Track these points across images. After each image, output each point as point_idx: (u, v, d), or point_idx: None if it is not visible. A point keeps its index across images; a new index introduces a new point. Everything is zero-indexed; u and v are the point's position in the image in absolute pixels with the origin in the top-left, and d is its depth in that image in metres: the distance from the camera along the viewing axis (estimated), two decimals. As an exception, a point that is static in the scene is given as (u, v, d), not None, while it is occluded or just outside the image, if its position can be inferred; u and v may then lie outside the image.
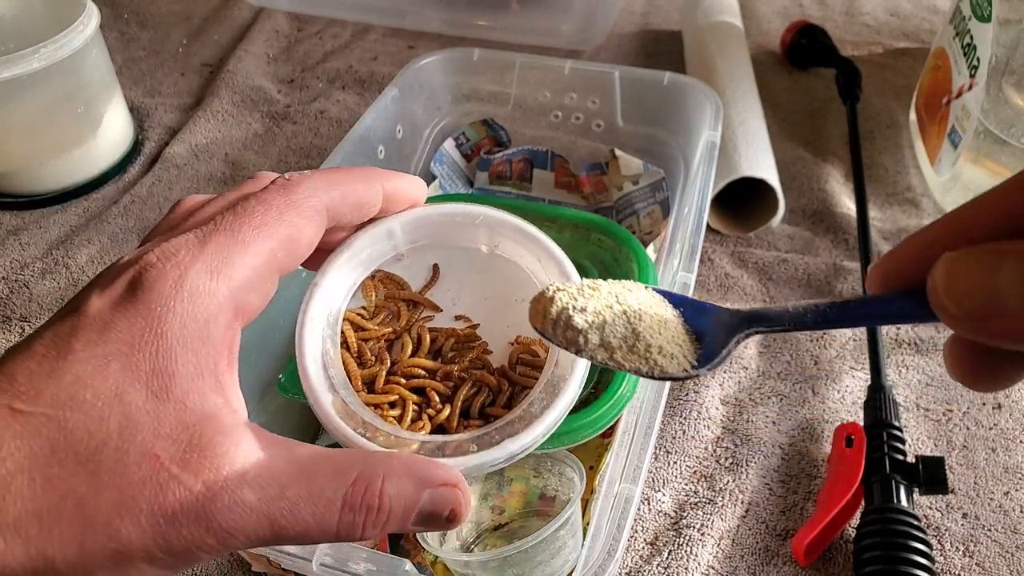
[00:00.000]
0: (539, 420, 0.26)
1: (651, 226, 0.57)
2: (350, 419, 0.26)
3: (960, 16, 0.60)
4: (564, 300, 0.24)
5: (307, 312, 0.28)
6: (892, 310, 0.20)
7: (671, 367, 0.23)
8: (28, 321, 0.55)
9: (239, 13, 0.89)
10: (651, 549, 0.42)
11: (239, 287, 0.23)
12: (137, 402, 0.20)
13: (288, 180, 0.25)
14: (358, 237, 0.29)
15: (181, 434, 0.20)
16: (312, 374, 0.27)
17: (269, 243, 0.23)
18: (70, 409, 0.20)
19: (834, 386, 0.50)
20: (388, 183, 0.28)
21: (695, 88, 0.57)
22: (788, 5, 0.91)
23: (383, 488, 0.22)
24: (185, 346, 0.21)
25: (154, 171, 0.67)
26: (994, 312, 0.16)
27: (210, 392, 0.21)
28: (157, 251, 0.22)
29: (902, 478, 0.42)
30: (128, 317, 0.21)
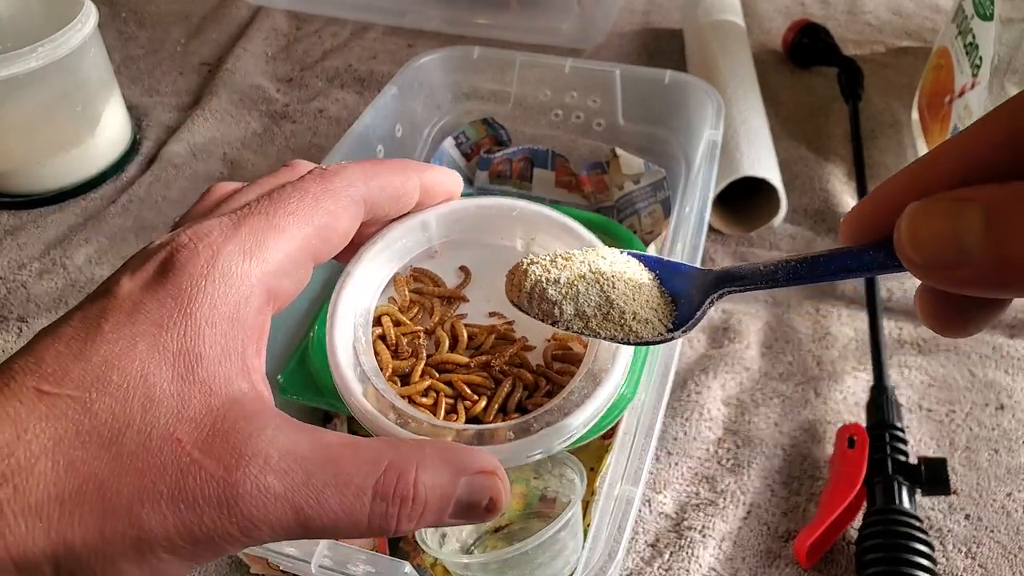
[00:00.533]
0: (580, 409, 0.25)
1: (652, 225, 0.57)
2: (382, 408, 0.25)
3: (962, 15, 0.60)
4: (537, 272, 0.24)
5: (339, 301, 0.27)
6: (862, 262, 0.20)
7: (646, 332, 0.24)
8: (25, 321, 0.54)
9: (238, 12, 0.88)
10: (652, 551, 0.42)
11: (272, 271, 0.22)
12: (162, 384, 0.20)
13: (325, 169, 0.25)
14: (392, 228, 0.28)
15: (205, 417, 0.20)
16: (343, 363, 0.26)
17: (305, 229, 0.23)
18: (96, 391, 0.19)
19: (836, 387, 0.50)
20: (425, 176, 0.27)
21: (696, 87, 0.57)
22: (790, 4, 0.91)
23: (417, 477, 0.21)
24: (214, 327, 0.21)
25: (152, 170, 0.67)
26: (958, 261, 0.16)
27: (236, 376, 0.21)
28: (189, 232, 0.22)
29: (904, 479, 0.42)
30: (158, 298, 0.21)
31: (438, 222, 0.29)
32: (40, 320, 0.55)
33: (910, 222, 0.17)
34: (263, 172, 0.73)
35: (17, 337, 0.53)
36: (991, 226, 0.16)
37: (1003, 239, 0.16)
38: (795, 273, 0.21)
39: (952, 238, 0.16)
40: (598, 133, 0.63)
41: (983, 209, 0.16)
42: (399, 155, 0.61)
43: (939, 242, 0.17)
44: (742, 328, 0.54)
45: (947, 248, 0.16)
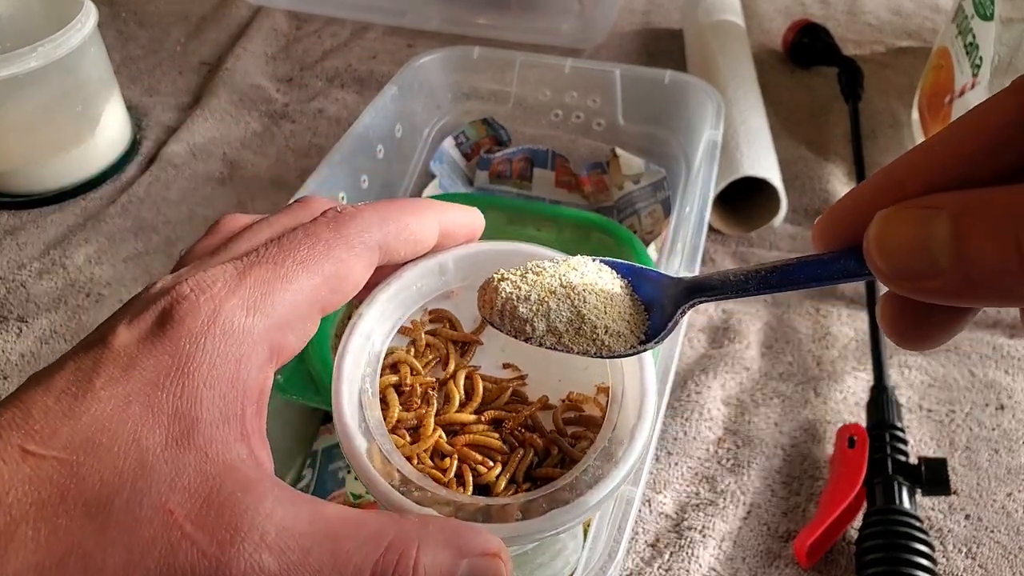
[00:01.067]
0: (592, 490, 0.24)
1: (652, 226, 0.57)
2: (385, 470, 0.24)
3: (963, 15, 0.60)
4: (508, 290, 0.24)
5: (347, 345, 0.25)
6: (833, 270, 0.19)
7: (618, 346, 0.23)
8: (25, 321, 0.54)
9: (237, 12, 0.88)
10: (652, 551, 0.42)
11: (277, 326, 0.21)
12: (155, 449, 0.19)
13: (340, 212, 0.23)
14: (408, 270, 0.27)
15: (199, 487, 0.19)
16: (348, 416, 0.24)
17: (314, 279, 0.22)
18: (84, 454, 0.18)
19: (836, 387, 0.50)
20: (444, 216, 0.26)
21: (696, 87, 0.57)
22: (790, 4, 0.91)
23: (418, 557, 0.20)
24: (212, 389, 0.20)
25: (152, 170, 0.67)
26: (926, 271, 0.16)
27: (234, 441, 0.20)
28: (191, 281, 0.21)
29: (904, 479, 0.42)
30: (154, 354, 0.20)
31: (456, 265, 0.28)
32: (40, 320, 0.55)
33: (878, 230, 0.17)
34: (263, 172, 0.73)
35: (17, 337, 0.53)
36: (958, 235, 0.16)
37: (969, 249, 0.15)
38: (765, 282, 0.21)
39: (920, 247, 0.16)
40: (598, 133, 0.63)
41: (950, 218, 0.16)
42: (399, 155, 0.61)
43: (907, 251, 0.16)
44: (742, 328, 0.54)
45: (915, 257, 0.16)
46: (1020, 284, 0.15)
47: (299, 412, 0.46)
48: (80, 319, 0.55)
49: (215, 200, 0.65)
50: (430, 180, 0.61)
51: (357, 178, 0.55)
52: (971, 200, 0.16)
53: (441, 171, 0.61)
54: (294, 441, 0.46)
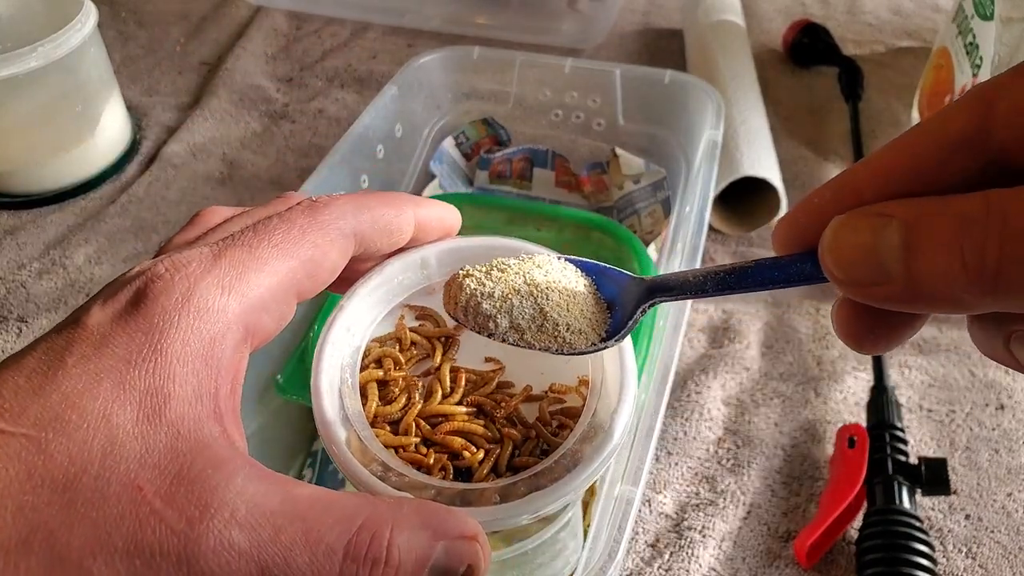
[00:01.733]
0: (570, 474, 0.24)
1: (652, 225, 0.57)
2: (364, 457, 0.24)
3: (963, 15, 0.60)
4: (472, 286, 0.24)
5: (328, 337, 0.26)
6: (789, 273, 0.20)
7: (579, 343, 0.24)
8: (25, 321, 0.54)
9: (237, 11, 0.88)
10: (652, 551, 0.42)
11: (252, 306, 0.21)
12: (126, 425, 0.18)
13: (315, 201, 0.24)
14: (390, 263, 0.27)
15: (169, 463, 0.18)
16: (327, 405, 0.24)
17: (289, 262, 0.22)
18: (53, 431, 0.18)
19: (836, 387, 0.50)
20: (420, 210, 0.26)
21: (696, 86, 0.57)
22: (790, 4, 0.91)
23: (392, 538, 0.20)
24: (185, 366, 0.19)
25: (152, 170, 0.67)
26: (877, 277, 0.16)
27: (207, 419, 0.19)
28: (167, 262, 0.21)
29: (904, 479, 0.42)
30: (127, 331, 0.19)
31: (439, 260, 0.28)
32: (40, 320, 0.55)
33: (832, 237, 0.18)
34: (263, 172, 0.73)
35: (17, 337, 0.53)
36: (907, 244, 0.16)
37: (917, 257, 0.16)
38: (723, 284, 0.21)
39: (872, 255, 0.16)
40: (598, 133, 0.63)
41: (901, 226, 0.16)
42: (399, 155, 0.61)
43: (859, 258, 0.17)
44: (742, 328, 0.54)
45: (867, 264, 0.17)
46: (964, 292, 0.15)
47: (299, 412, 0.46)
48: (80, 319, 0.55)
49: (215, 200, 0.65)
50: (430, 180, 0.61)
51: (357, 178, 0.55)
52: (922, 209, 0.16)
53: (441, 171, 0.61)
54: (294, 441, 0.46)
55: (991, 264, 0.15)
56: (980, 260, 0.15)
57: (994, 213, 0.15)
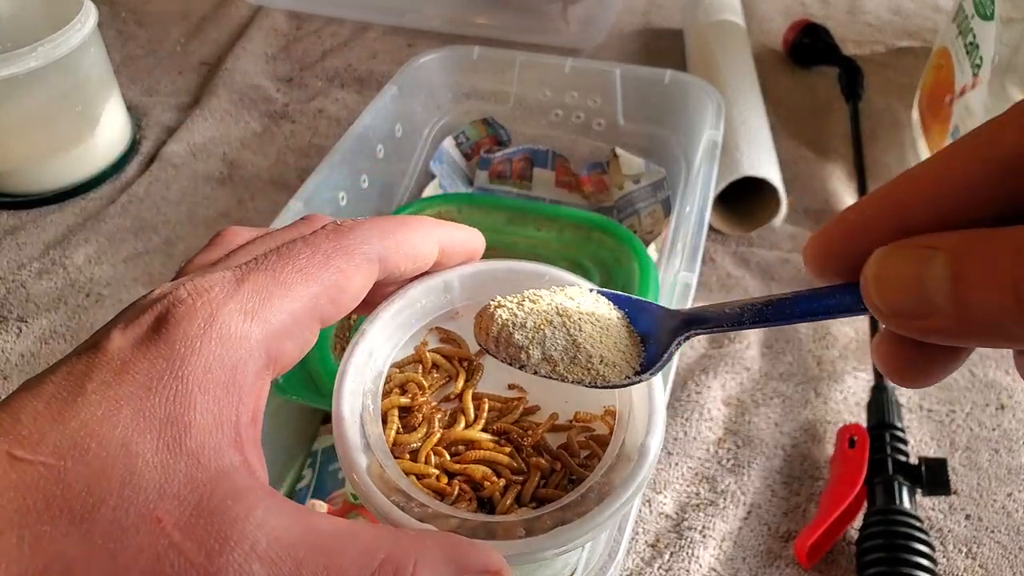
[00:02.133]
0: (598, 507, 0.23)
1: (652, 225, 0.57)
2: (386, 486, 0.24)
3: (963, 15, 0.60)
4: (504, 317, 0.24)
5: (350, 361, 0.25)
6: (827, 306, 0.20)
7: (613, 376, 0.23)
8: (25, 321, 0.54)
9: (237, 11, 0.88)
10: (652, 551, 0.42)
11: (275, 333, 0.21)
12: (145, 454, 0.18)
13: (340, 225, 0.23)
14: (413, 287, 0.27)
15: (189, 494, 0.18)
16: (348, 431, 0.24)
17: (313, 287, 0.21)
18: (72, 459, 0.18)
19: (836, 387, 0.50)
20: (444, 234, 0.26)
21: (697, 86, 0.57)
22: (790, 3, 0.91)
23: (415, 572, 0.19)
24: (207, 393, 0.19)
25: (152, 170, 0.67)
26: (923, 311, 0.16)
27: (228, 448, 0.19)
28: (189, 286, 0.20)
29: (905, 479, 0.42)
30: (148, 357, 0.19)
31: (462, 284, 0.28)
32: (40, 320, 0.55)
33: (876, 268, 0.17)
34: (263, 172, 0.73)
35: (17, 337, 0.53)
36: (955, 276, 0.15)
37: (966, 290, 0.15)
38: (760, 316, 0.21)
39: (917, 288, 0.16)
40: (598, 133, 0.63)
41: (949, 258, 0.16)
42: (399, 154, 0.60)
43: (904, 291, 0.16)
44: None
45: (912, 298, 0.16)
46: (1017, 327, 0.15)
47: (299, 412, 0.46)
48: (80, 319, 0.55)
49: (215, 200, 0.65)
50: (430, 180, 0.61)
51: (357, 178, 0.55)
52: (970, 240, 0.16)
53: (441, 171, 0.61)
54: (294, 441, 0.46)
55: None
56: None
57: None
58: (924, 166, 0.17)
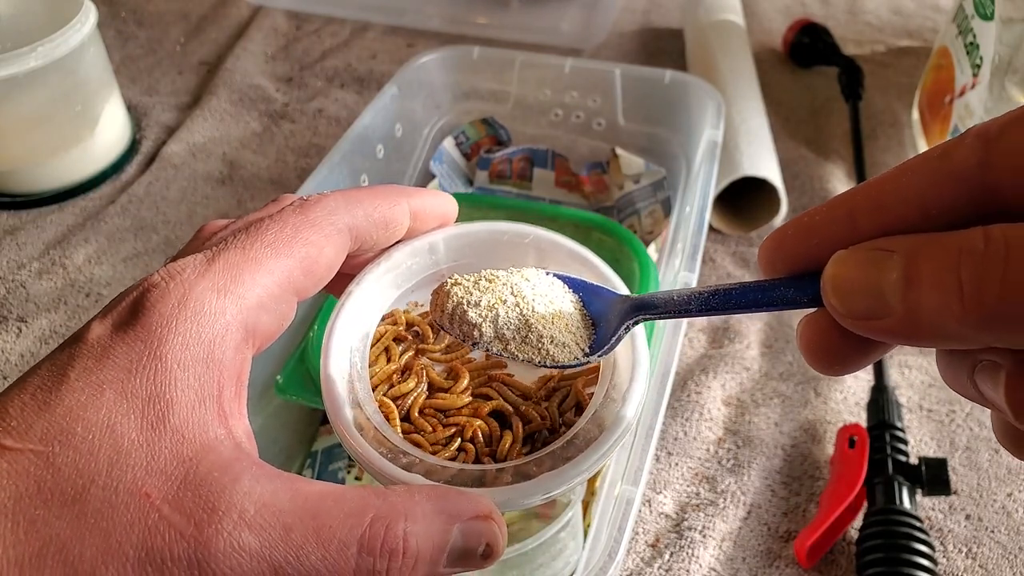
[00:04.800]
0: (583, 453, 0.24)
1: (652, 225, 0.57)
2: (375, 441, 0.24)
3: (963, 15, 0.60)
4: (459, 295, 0.25)
5: (336, 323, 0.26)
6: (772, 297, 0.20)
7: (562, 356, 0.24)
8: (25, 321, 0.54)
9: (237, 11, 0.88)
10: (652, 551, 0.42)
11: (250, 306, 0.21)
12: (130, 434, 0.18)
13: (306, 200, 0.24)
14: (397, 250, 0.27)
15: (176, 469, 0.18)
16: (337, 388, 0.24)
17: (284, 261, 0.22)
18: (59, 444, 0.18)
19: (836, 387, 0.50)
20: (414, 200, 0.26)
21: (697, 86, 0.57)
22: (790, 3, 0.91)
23: (407, 527, 0.19)
24: (187, 370, 0.19)
25: (151, 170, 0.67)
26: (879, 312, 0.17)
27: (211, 421, 0.20)
28: (162, 271, 0.21)
29: (905, 479, 0.42)
30: (127, 341, 0.19)
31: (447, 245, 0.28)
32: (40, 320, 0.54)
33: (834, 270, 0.18)
34: (263, 172, 0.73)
35: (17, 337, 0.53)
36: (907, 279, 0.16)
37: (916, 293, 0.16)
38: (706, 305, 0.22)
39: (873, 288, 0.17)
40: (598, 133, 0.63)
41: (902, 261, 0.16)
42: (399, 154, 0.60)
43: (861, 292, 0.17)
44: (742, 328, 0.54)
45: (868, 300, 0.17)
46: (961, 327, 0.15)
47: (299, 412, 0.46)
48: (80, 319, 0.55)
49: (215, 200, 0.65)
50: (430, 180, 0.61)
51: (357, 178, 0.55)
52: (922, 243, 0.16)
53: (441, 171, 0.61)
54: (294, 441, 0.46)
55: (990, 299, 0.15)
56: (978, 294, 0.15)
57: (993, 246, 0.15)
58: (881, 176, 0.18)
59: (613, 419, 0.25)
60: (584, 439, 0.24)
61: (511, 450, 0.25)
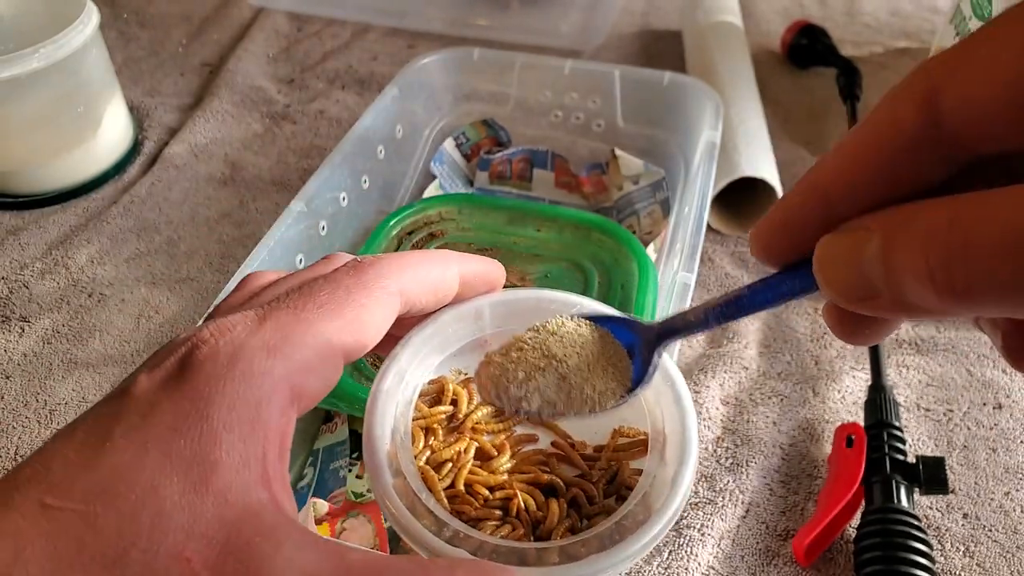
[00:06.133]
0: (633, 536, 0.23)
1: (651, 226, 0.57)
2: (417, 511, 0.23)
3: (960, 16, 0.60)
4: (496, 374, 0.25)
5: (381, 386, 0.25)
6: (781, 292, 0.21)
7: (607, 401, 0.25)
8: (27, 321, 0.55)
9: (239, 13, 0.89)
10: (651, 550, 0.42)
11: (297, 368, 0.21)
12: (173, 496, 0.18)
13: (360, 261, 0.23)
14: (444, 313, 0.27)
15: (217, 533, 0.18)
16: (379, 455, 0.24)
17: (334, 323, 0.22)
18: (102, 504, 0.18)
19: (834, 386, 0.50)
20: (464, 267, 0.26)
21: (695, 88, 0.57)
22: (788, 5, 0.91)
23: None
24: (232, 432, 0.19)
25: (153, 171, 0.67)
26: (867, 293, 0.17)
27: (254, 485, 0.19)
28: (212, 327, 0.21)
29: (902, 478, 0.42)
30: (173, 399, 0.19)
31: (492, 311, 0.28)
32: (42, 320, 0.55)
33: (820, 256, 0.18)
34: (264, 173, 0.74)
35: (19, 337, 0.54)
36: (887, 266, 0.16)
37: (897, 279, 0.16)
38: (723, 315, 0.22)
39: (857, 271, 0.17)
40: (598, 134, 0.63)
41: (880, 239, 0.16)
42: (399, 155, 0.61)
43: (846, 275, 0.17)
44: (740, 327, 0.54)
45: (854, 281, 0.17)
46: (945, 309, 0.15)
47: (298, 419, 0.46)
48: (82, 319, 0.55)
49: (217, 201, 0.65)
50: (431, 181, 0.62)
51: (358, 179, 0.56)
52: (894, 221, 0.16)
53: (441, 172, 0.62)
54: (295, 440, 0.46)
55: (959, 282, 0.15)
56: (948, 281, 0.15)
57: (955, 229, 0.15)
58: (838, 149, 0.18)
59: (663, 503, 0.24)
60: (633, 521, 0.24)
61: (557, 527, 0.25)
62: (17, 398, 0.50)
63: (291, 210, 0.49)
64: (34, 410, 0.49)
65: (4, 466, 0.46)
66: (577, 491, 0.26)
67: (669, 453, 0.26)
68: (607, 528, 0.24)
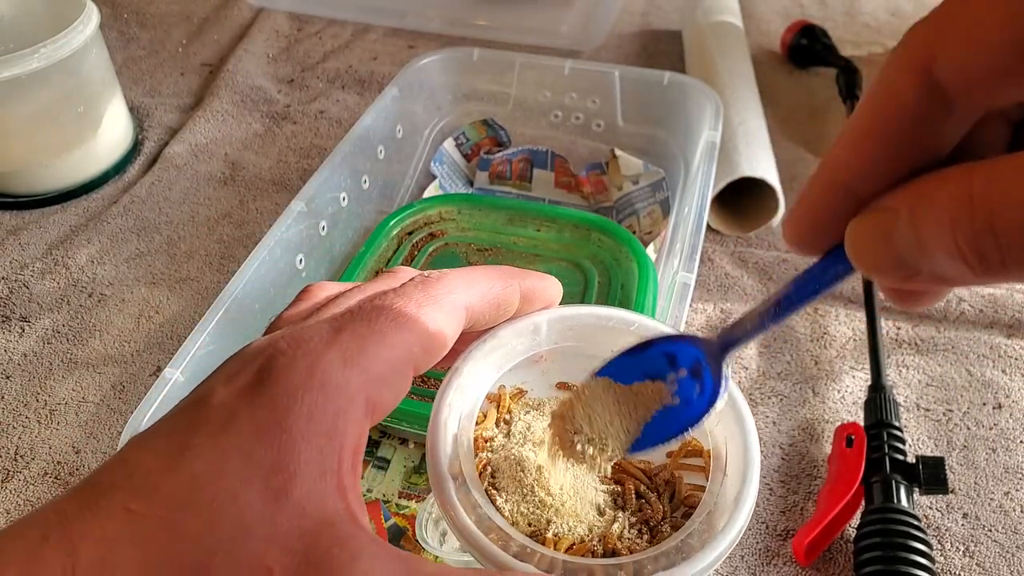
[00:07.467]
0: (700, 554, 0.23)
1: (651, 226, 0.57)
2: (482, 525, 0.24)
3: (960, 16, 0.60)
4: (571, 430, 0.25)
5: (443, 399, 0.26)
6: (825, 280, 0.20)
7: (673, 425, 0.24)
8: (28, 321, 0.55)
9: (239, 13, 0.89)
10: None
11: (373, 380, 0.21)
12: (254, 504, 0.18)
13: (428, 276, 0.24)
14: (503, 328, 0.27)
15: (297, 542, 0.18)
16: (443, 466, 0.24)
17: (407, 336, 0.22)
18: (184, 511, 0.18)
19: (834, 386, 0.50)
20: (525, 283, 0.26)
21: (695, 88, 0.58)
22: (788, 5, 0.91)
23: None
24: (310, 442, 0.19)
25: (154, 171, 0.67)
26: (906, 272, 0.17)
27: (331, 495, 0.19)
28: (288, 338, 0.21)
29: (902, 478, 0.42)
30: (252, 409, 0.19)
31: (549, 326, 0.28)
32: (42, 320, 0.55)
33: (851, 241, 0.18)
34: (264, 173, 0.74)
35: (20, 336, 0.54)
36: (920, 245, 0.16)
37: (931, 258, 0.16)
38: (775, 315, 0.22)
39: (891, 253, 0.17)
40: (597, 134, 0.63)
41: (908, 217, 0.16)
42: (399, 155, 0.61)
43: (880, 258, 0.17)
44: (741, 328, 0.54)
45: (895, 263, 0.17)
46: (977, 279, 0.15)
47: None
48: (82, 319, 0.55)
49: (217, 200, 0.65)
50: (430, 181, 0.62)
51: (358, 179, 0.56)
52: (916, 197, 0.16)
53: (441, 172, 0.62)
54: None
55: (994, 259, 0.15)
56: (979, 255, 0.15)
57: (978, 207, 0.15)
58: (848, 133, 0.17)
59: (727, 521, 0.24)
60: (699, 539, 0.24)
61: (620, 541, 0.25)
62: (17, 398, 0.50)
63: (291, 210, 0.49)
64: (34, 410, 0.49)
65: (4, 466, 0.46)
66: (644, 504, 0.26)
67: (731, 471, 0.26)
68: (674, 546, 0.24)
